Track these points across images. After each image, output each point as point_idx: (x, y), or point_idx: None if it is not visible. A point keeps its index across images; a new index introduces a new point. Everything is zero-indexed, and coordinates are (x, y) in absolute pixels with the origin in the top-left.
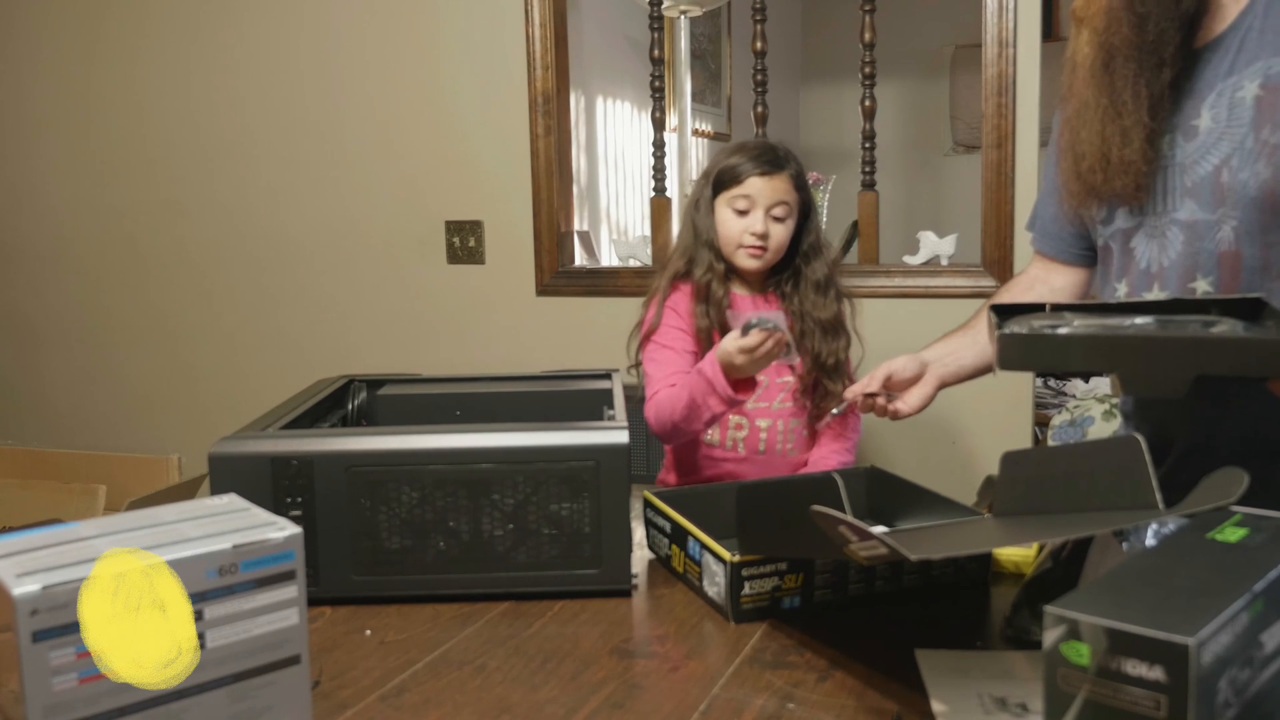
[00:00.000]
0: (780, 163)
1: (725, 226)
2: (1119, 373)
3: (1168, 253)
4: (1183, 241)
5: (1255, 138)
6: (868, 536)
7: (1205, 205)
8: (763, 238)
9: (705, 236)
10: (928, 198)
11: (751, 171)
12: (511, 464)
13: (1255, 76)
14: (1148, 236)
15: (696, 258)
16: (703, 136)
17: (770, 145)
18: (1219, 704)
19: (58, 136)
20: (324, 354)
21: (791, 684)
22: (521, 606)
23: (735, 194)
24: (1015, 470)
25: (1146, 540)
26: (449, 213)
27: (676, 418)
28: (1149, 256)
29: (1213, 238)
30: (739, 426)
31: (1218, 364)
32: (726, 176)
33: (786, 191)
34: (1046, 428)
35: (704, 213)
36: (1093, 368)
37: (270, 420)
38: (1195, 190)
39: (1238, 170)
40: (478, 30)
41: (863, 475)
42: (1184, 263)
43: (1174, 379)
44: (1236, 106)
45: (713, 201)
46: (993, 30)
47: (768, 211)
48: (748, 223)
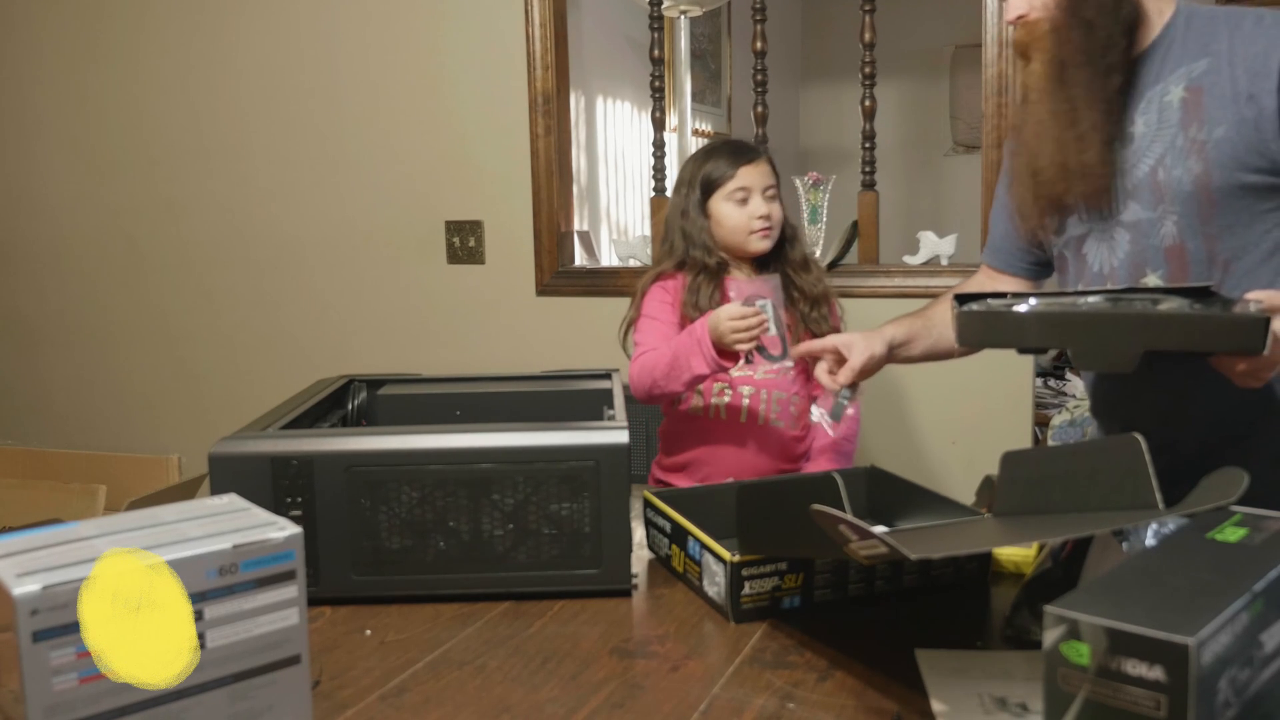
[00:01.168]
0: (757, 149)
1: (731, 219)
2: (1071, 348)
3: (1117, 253)
4: (1129, 241)
5: (1184, 136)
6: (868, 535)
7: (1146, 204)
8: (767, 218)
9: (699, 240)
10: (928, 198)
11: (739, 162)
12: (511, 464)
13: (1180, 81)
14: (1097, 240)
15: (689, 260)
16: (703, 136)
17: (738, 139)
18: (1219, 704)
19: (57, 136)
20: (324, 354)
21: (791, 684)
22: (521, 606)
23: (731, 188)
24: (1015, 470)
25: (1146, 540)
26: (449, 213)
27: (658, 374)
28: (1100, 259)
29: (1157, 234)
30: (721, 393)
31: (1165, 339)
32: (715, 175)
33: (770, 174)
34: (1046, 428)
35: (694, 217)
36: (1047, 344)
37: (270, 420)
38: (1135, 191)
39: (1171, 168)
40: (478, 30)
41: (863, 475)
42: (1133, 260)
43: (1123, 354)
44: (1165, 110)
45: (703, 204)
46: (993, 30)
47: (763, 193)
48: (751, 208)
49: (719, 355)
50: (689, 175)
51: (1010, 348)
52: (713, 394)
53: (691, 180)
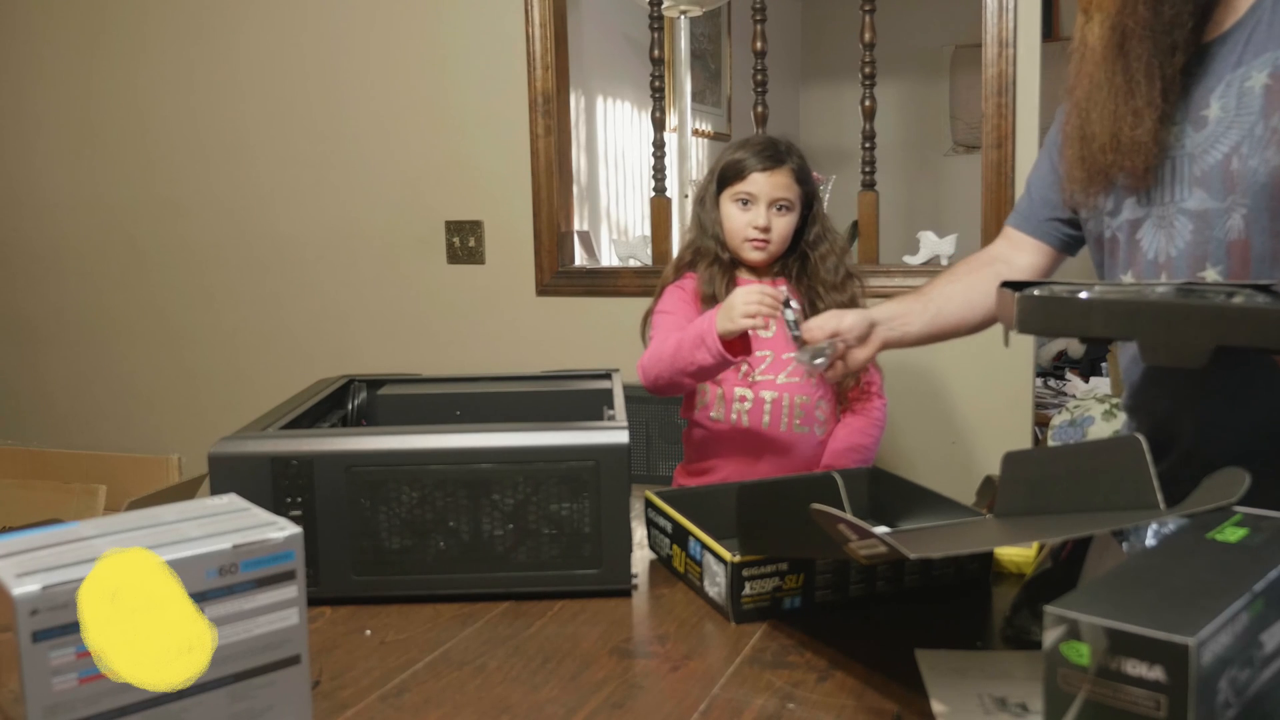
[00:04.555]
0: (781, 157)
1: (730, 221)
2: (1139, 339)
3: (1175, 243)
4: (1191, 231)
5: (1265, 125)
6: (867, 535)
7: (1215, 194)
8: (765, 231)
9: (711, 230)
10: (928, 198)
11: (754, 167)
12: (511, 464)
13: (1264, 67)
14: (1155, 227)
15: (702, 248)
16: (703, 136)
17: (772, 140)
18: (1219, 704)
19: (58, 136)
20: (324, 354)
21: (791, 684)
22: (521, 606)
23: (738, 189)
24: (1016, 470)
25: (1146, 540)
26: (449, 213)
27: (663, 363)
28: (1156, 247)
29: (1222, 226)
30: (742, 399)
31: (1238, 334)
32: (730, 172)
33: (787, 186)
34: (1046, 428)
35: (709, 208)
36: (1112, 334)
37: (270, 420)
38: (1204, 179)
39: (1247, 157)
40: (478, 30)
41: (863, 475)
42: (1192, 252)
43: (1194, 348)
44: (1245, 96)
45: (718, 197)
46: (993, 30)
47: (770, 205)
48: (750, 216)
49: (725, 348)
50: (716, 163)
51: (1073, 336)
52: (734, 400)
53: (714, 169)
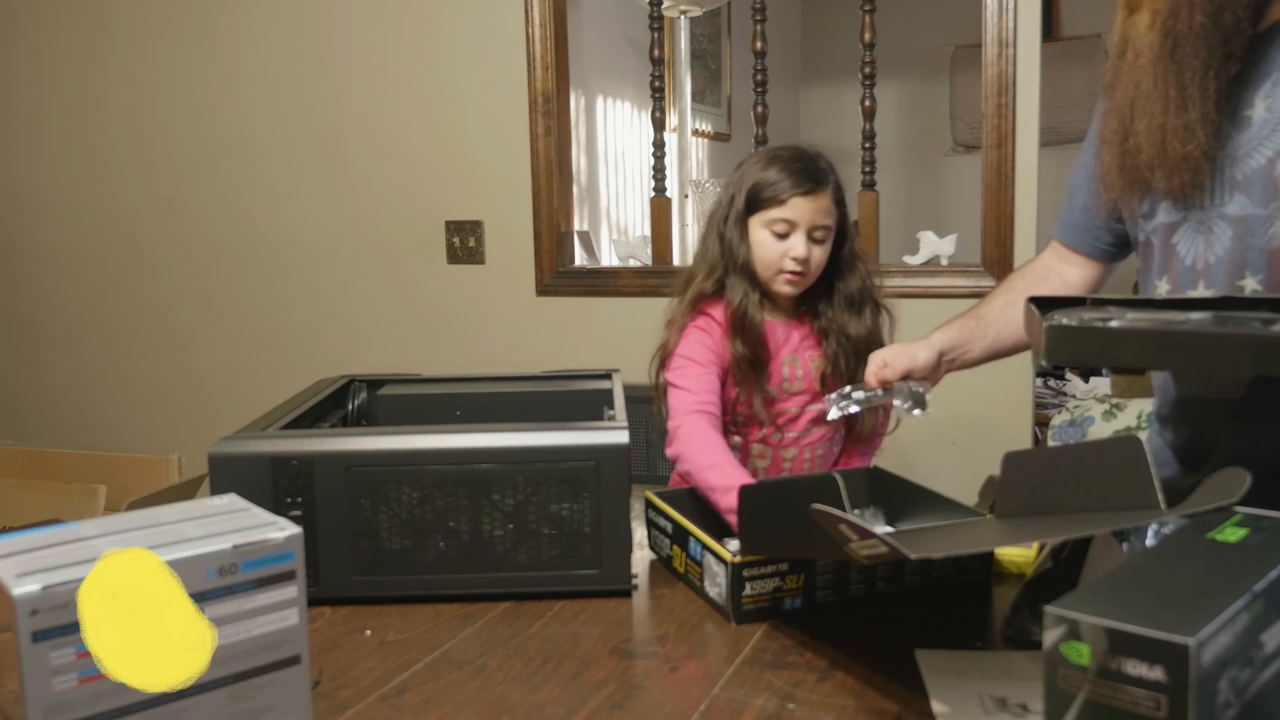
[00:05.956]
0: (823, 178)
1: (763, 250)
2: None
3: (1214, 249)
4: (1231, 237)
5: None
6: (868, 535)
7: (1257, 200)
8: (804, 262)
9: (741, 259)
10: (928, 198)
11: (794, 191)
12: (511, 464)
13: None
14: (1193, 232)
15: (730, 284)
16: (703, 136)
17: (810, 156)
18: (1219, 704)
19: (58, 136)
20: (324, 354)
21: (792, 684)
22: (521, 606)
23: (775, 216)
24: (1016, 471)
25: (1146, 540)
26: (449, 213)
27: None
28: (1194, 253)
29: (1264, 234)
30: (761, 455)
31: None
32: (765, 195)
33: (828, 212)
34: (1046, 428)
35: (736, 232)
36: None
37: (270, 420)
38: (1246, 184)
39: None
40: (478, 30)
41: (863, 475)
42: (1232, 259)
43: (1231, 379)
44: None
45: (745, 219)
46: (993, 30)
47: (809, 234)
48: (788, 246)
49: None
50: (740, 178)
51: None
52: (752, 455)
53: (740, 185)
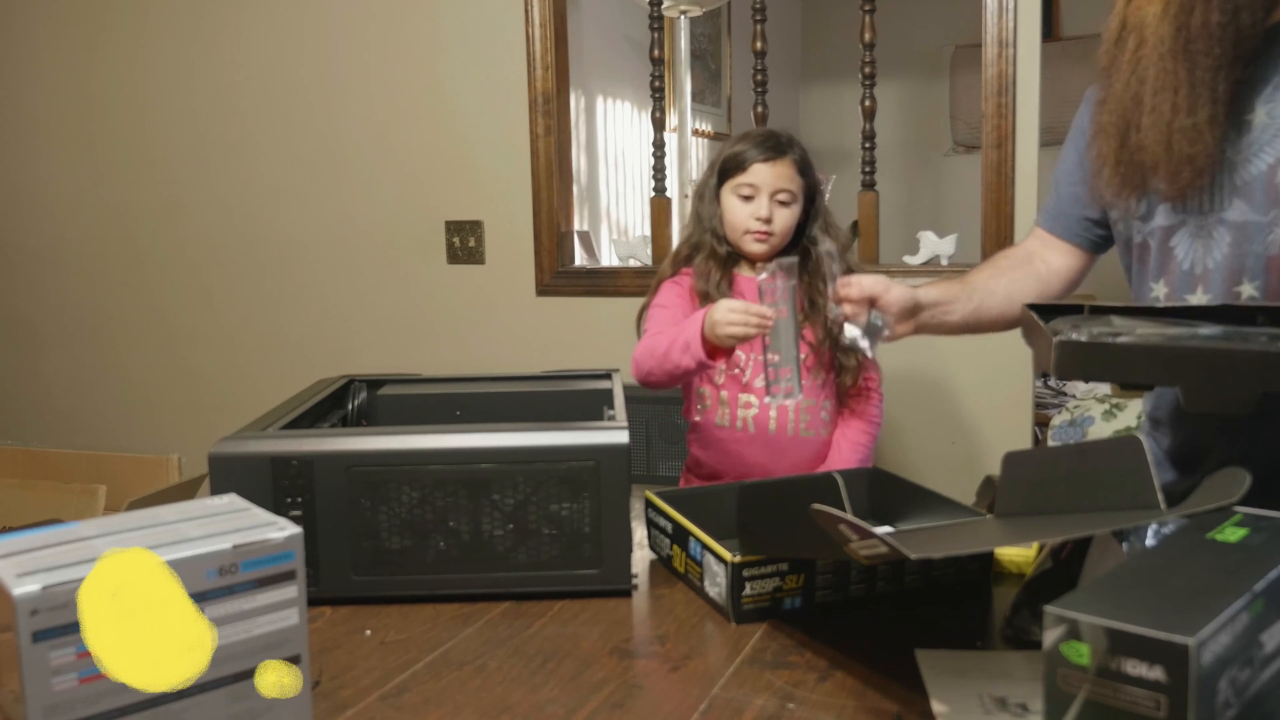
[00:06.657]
0: (782, 148)
1: (732, 213)
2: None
3: (1213, 254)
4: (1230, 243)
5: None
6: (868, 535)
7: (1257, 206)
8: (767, 222)
9: (709, 223)
10: (928, 198)
11: (755, 158)
12: (511, 464)
13: None
14: (1191, 236)
15: (700, 242)
16: (703, 136)
17: (773, 132)
18: (1219, 704)
19: (58, 136)
20: (324, 354)
21: (792, 684)
22: (521, 606)
23: (740, 181)
24: (1016, 471)
25: (1146, 540)
26: (449, 213)
27: (653, 361)
28: (1193, 257)
29: (1263, 240)
30: (748, 405)
31: None
32: (731, 164)
33: (790, 177)
34: (1046, 428)
35: (709, 201)
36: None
37: (270, 420)
38: (1246, 190)
39: None
40: (478, 30)
41: (863, 475)
42: (1230, 265)
43: (1239, 395)
44: None
45: (718, 190)
46: (993, 30)
47: (772, 197)
48: (752, 208)
49: (708, 353)
50: (715, 156)
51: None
52: (739, 407)
53: (714, 162)
